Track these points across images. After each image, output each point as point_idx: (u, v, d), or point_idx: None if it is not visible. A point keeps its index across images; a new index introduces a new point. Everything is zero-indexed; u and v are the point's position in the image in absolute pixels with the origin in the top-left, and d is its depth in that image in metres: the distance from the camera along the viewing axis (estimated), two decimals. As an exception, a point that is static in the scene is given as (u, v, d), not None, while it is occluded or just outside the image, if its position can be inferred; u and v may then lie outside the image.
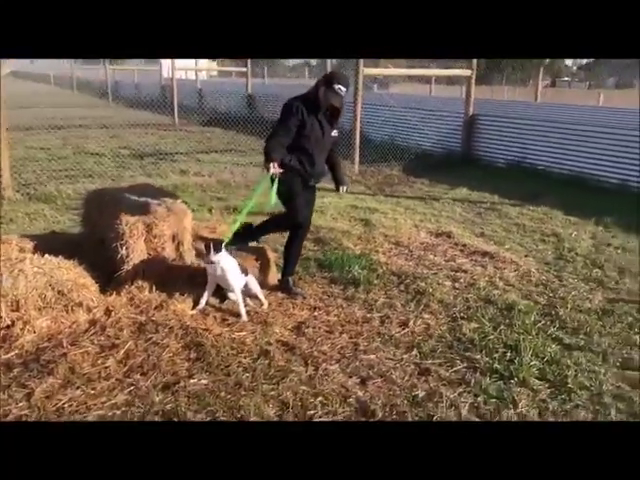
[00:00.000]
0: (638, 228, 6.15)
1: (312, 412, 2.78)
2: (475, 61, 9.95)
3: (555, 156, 9.39)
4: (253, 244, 4.51)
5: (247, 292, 3.87)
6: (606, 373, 3.23)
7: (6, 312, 3.32)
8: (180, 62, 19.82)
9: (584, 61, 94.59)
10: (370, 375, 3.14)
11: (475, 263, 5.00)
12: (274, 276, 4.33)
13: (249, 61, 17.91)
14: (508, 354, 3.39)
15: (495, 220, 6.58)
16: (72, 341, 3.29)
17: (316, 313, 3.87)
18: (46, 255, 3.72)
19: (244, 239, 4.26)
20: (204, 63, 36.30)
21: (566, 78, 77.29)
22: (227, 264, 3.66)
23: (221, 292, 3.89)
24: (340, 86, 3.86)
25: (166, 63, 26.42)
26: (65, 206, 6.64)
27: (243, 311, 3.71)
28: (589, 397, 3.00)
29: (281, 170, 3.77)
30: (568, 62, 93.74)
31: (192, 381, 2.99)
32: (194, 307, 3.74)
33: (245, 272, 3.84)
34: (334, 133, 4.05)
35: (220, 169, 9.46)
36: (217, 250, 3.59)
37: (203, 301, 3.75)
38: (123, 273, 3.74)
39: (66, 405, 2.73)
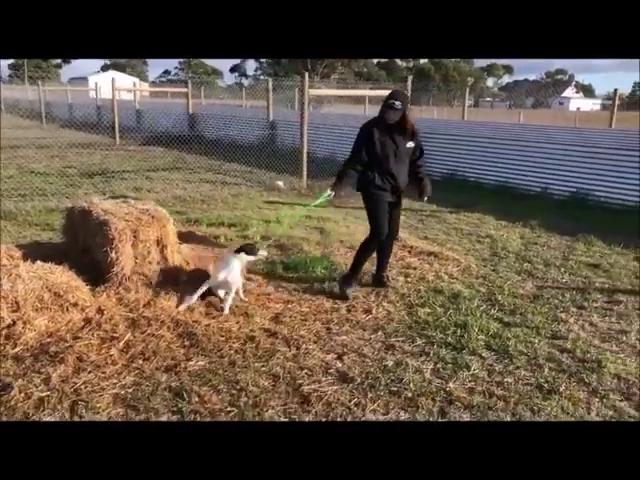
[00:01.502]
0: (559, 228, 7.00)
1: (300, 381, 3.24)
2: (409, 82, 10.77)
3: (484, 168, 10.32)
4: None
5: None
6: (539, 342, 3.87)
7: (7, 313, 3.58)
8: (118, 82, 19.85)
9: (504, 82, 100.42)
10: (345, 352, 3.64)
11: (422, 261, 5.61)
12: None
13: (189, 82, 18.25)
14: (458, 331, 3.97)
15: (435, 225, 7.27)
16: (73, 336, 3.59)
17: (290, 306, 4.33)
18: (37, 261, 4.01)
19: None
20: (137, 83, 36.12)
21: (488, 99, 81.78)
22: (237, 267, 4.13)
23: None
24: (394, 101, 4.26)
25: (102, 83, 26.27)
26: (27, 222, 6.78)
27: (227, 306, 4.11)
28: (527, 360, 3.61)
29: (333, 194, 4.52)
30: (489, 83, 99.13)
31: (191, 363, 3.38)
32: (179, 304, 4.10)
33: None
34: (409, 145, 4.46)
35: (172, 186, 9.75)
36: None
37: (195, 297, 4.12)
38: (112, 275, 4.06)
39: (82, 387, 3.06)
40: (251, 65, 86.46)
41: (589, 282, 5.13)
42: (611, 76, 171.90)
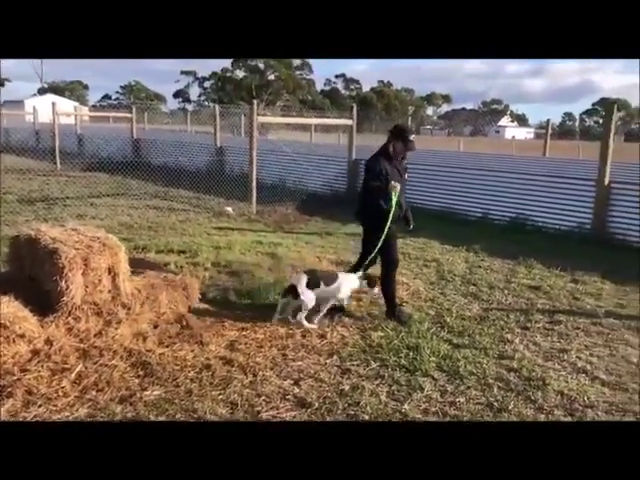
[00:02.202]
0: (501, 252, 7.30)
1: (259, 409, 3.24)
2: (355, 111, 11.07)
3: (427, 194, 10.65)
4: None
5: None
6: (488, 362, 4.02)
7: (-51, 346, 3.43)
8: (59, 107, 19.39)
9: (443, 111, 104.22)
10: (301, 377, 3.67)
11: (373, 285, 5.73)
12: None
13: (134, 107, 18.05)
14: (411, 353, 4.08)
15: (384, 250, 7.44)
16: (21, 368, 3.47)
17: (245, 333, 4.33)
18: (-20, 292, 3.86)
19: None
20: (78, 107, 35.27)
21: (428, 127, 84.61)
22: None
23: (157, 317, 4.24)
24: (413, 135, 4.70)
25: (40, 106, 25.52)
26: (-36, 251, 6.49)
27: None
28: (477, 380, 3.75)
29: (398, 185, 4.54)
30: (429, 112, 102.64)
31: (146, 393, 3.33)
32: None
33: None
34: (406, 176, 4.85)
35: (117, 212, 9.58)
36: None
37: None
38: (62, 305, 3.95)
39: (33, 421, 2.96)
40: (195, 91, 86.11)
41: (531, 303, 5.38)
42: (543, 106, 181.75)
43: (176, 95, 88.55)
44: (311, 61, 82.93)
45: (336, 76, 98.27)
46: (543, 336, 4.58)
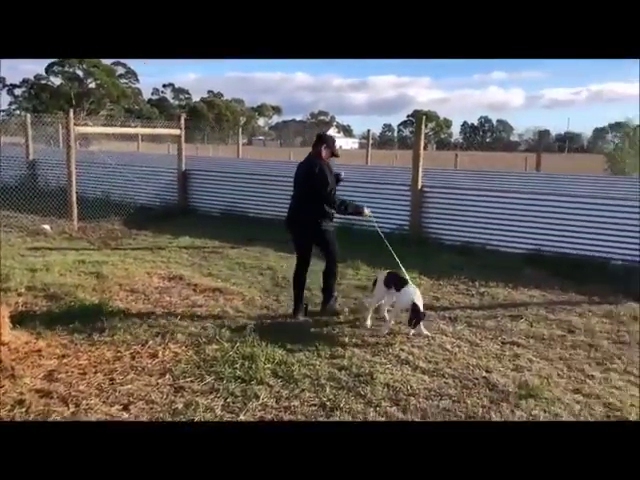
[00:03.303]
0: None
1: (83, 441, 2.99)
2: (183, 121, 10.83)
3: (261, 203, 10.76)
4: None
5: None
6: (320, 364, 4.15)
7: None
8: None
9: (274, 122, 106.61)
10: (131, 401, 3.48)
11: (208, 298, 5.64)
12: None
13: None
14: (246, 363, 4.07)
15: (219, 261, 7.36)
16: None
17: (65, 360, 3.99)
18: None
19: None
20: None
21: (260, 137, 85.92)
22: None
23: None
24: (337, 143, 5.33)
25: None
26: None
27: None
28: (310, 382, 3.85)
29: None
30: (261, 123, 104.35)
31: (-57, 442, 2.89)
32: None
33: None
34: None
35: None
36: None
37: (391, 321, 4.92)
38: None
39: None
40: (5, 99, 77.92)
41: (359, 302, 5.68)
42: (365, 118, 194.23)
43: (-19, 103, 79.30)
44: (137, 69, 79.70)
45: (164, 85, 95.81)
46: (370, 332, 4.85)
